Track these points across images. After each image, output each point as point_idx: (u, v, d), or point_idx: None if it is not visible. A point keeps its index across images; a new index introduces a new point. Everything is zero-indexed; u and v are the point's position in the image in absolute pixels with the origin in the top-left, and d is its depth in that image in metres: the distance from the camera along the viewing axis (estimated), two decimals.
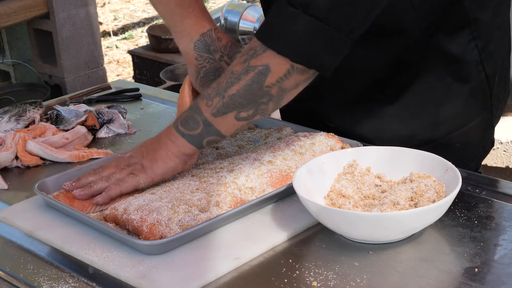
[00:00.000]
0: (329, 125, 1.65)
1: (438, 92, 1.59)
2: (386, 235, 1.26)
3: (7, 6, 3.70)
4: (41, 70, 4.03)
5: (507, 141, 3.46)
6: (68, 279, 1.22)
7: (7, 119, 1.82)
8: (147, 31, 4.72)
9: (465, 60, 1.57)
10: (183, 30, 1.54)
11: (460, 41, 1.55)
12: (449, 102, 1.60)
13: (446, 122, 1.62)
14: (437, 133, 1.62)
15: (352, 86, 1.45)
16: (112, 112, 1.85)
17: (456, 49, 1.55)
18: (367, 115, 1.63)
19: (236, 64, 1.34)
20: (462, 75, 1.58)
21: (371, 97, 1.61)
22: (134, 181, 1.40)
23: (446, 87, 1.58)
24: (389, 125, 1.62)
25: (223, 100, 1.33)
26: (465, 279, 1.16)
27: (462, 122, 1.63)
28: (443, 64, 1.57)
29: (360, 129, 1.63)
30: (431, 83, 1.58)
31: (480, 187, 1.45)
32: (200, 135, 1.39)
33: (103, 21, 6.55)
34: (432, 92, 1.59)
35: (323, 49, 1.29)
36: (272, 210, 1.38)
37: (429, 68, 1.57)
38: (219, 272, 1.21)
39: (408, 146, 1.44)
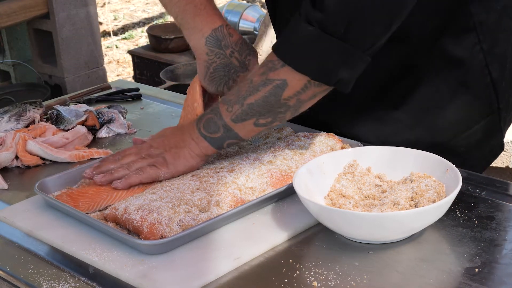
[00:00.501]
0: (335, 130, 1.64)
1: (443, 96, 1.58)
2: (386, 235, 1.26)
3: (7, 6, 3.70)
4: (41, 70, 4.03)
5: (507, 141, 3.46)
6: (69, 279, 1.22)
7: (7, 119, 1.82)
8: (147, 31, 4.73)
9: (470, 64, 1.56)
10: (195, 27, 1.57)
11: (465, 45, 1.54)
12: (454, 106, 1.59)
13: (451, 126, 1.61)
14: (442, 137, 1.62)
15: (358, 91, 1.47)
16: (112, 112, 1.85)
17: (461, 53, 1.55)
18: (372, 120, 1.63)
19: (255, 74, 1.38)
20: (467, 78, 1.57)
21: (376, 102, 1.61)
22: (155, 173, 1.44)
23: (451, 91, 1.58)
24: (395, 130, 1.61)
25: (242, 108, 1.39)
26: (465, 279, 1.17)
27: (467, 125, 1.62)
28: (448, 67, 1.56)
29: (365, 135, 1.62)
30: (436, 87, 1.57)
31: (480, 187, 1.45)
32: (221, 138, 1.44)
33: (103, 21, 6.55)
34: (437, 96, 1.58)
35: (341, 66, 1.31)
36: (272, 210, 1.38)
37: (434, 72, 1.56)
38: (219, 272, 1.21)
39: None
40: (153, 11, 6.94)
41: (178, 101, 2.03)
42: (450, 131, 1.62)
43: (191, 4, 1.56)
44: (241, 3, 4.83)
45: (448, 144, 1.62)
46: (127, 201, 1.36)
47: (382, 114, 1.62)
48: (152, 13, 6.87)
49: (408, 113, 1.60)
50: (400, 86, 1.58)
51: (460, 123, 1.61)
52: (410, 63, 1.55)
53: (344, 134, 1.61)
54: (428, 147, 1.54)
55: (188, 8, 1.56)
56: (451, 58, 1.55)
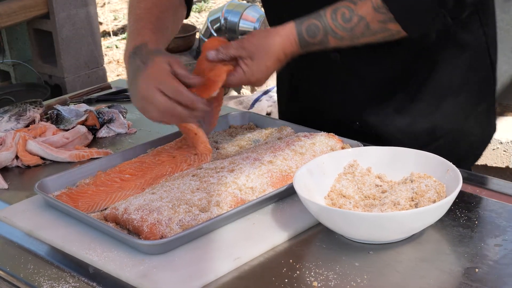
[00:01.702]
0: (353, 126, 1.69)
1: (454, 81, 1.65)
2: (387, 235, 1.26)
3: (7, 6, 3.70)
4: (41, 70, 4.03)
5: (507, 141, 3.46)
6: (69, 279, 1.22)
7: (7, 119, 1.82)
8: None
9: (475, 48, 1.64)
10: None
11: (471, 28, 1.63)
12: (464, 90, 1.66)
13: (464, 110, 1.68)
14: (457, 121, 1.68)
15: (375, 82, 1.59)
16: (112, 111, 1.85)
17: (467, 37, 1.63)
18: (391, 112, 1.67)
19: (373, 19, 1.49)
20: (473, 62, 1.65)
21: (393, 93, 1.66)
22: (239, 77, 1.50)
23: (461, 75, 1.64)
24: (413, 120, 1.66)
25: (352, 43, 1.52)
26: (465, 279, 1.16)
27: (475, 108, 1.70)
28: (456, 53, 1.63)
29: (385, 127, 1.67)
30: (447, 73, 1.64)
31: (481, 187, 1.45)
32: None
33: (103, 21, 6.55)
34: (449, 82, 1.65)
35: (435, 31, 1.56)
36: (273, 210, 1.38)
37: (444, 58, 1.63)
38: (219, 272, 1.21)
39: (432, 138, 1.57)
40: None
41: None
42: (462, 115, 1.68)
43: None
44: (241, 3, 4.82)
45: (462, 128, 1.69)
46: (127, 201, 1.36)
47: (401, 106, 1.66)
48: None
49: (425, 101, 1.65)
50: (415, 74, 1.64)
51: (471, 106, 1.68)
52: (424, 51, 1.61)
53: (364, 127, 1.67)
54: (445, 133, 1.65)
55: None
56: (459, 43, 1.62)
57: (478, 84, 1.69)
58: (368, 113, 1.68)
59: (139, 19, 1.59)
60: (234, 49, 1.50)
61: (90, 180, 1.51)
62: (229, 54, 1.50)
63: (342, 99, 1.69)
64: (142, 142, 1.67)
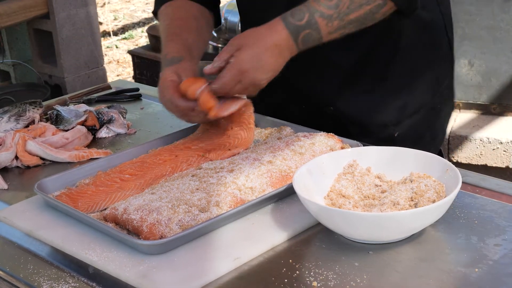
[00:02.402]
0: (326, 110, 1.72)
1: (419, 60, 1.71)
2: (386, 235, 1.26)
3: (7, 6, 3.70)
4: (41, 70, 4.03)
5: (507, 141, 3.46)
6: (68, 279, 1.22)
7: (7, 119, 1.82)
8: (147, 31, 4.72)
9: (434, 26, 1.71)
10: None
11: (429, 7, 1.68)
12: (428, 68, 1.73)
13: (430, 86, 1.75)
14: (426, 97, 1.74)
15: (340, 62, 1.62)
16: (112, 112, 1.85)
17: (427, 15, 1.68)
18: (362, 92, 1.71)
19: None
20: (433, 40, 1.73)
21: (362, 75, 1.70)
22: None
23: (424, 54, 1.71)
24: (383, 99, 1.71)
25: (342, 23, 1.52)
26: (465, 279, 1.16)
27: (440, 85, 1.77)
28: (418, 31, 1.68)
29: (356, 109, 1.71)
30: (411, 52, 1.70)
31: (480, 187, 1.45)
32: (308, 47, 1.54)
33: (103, 21, 6.55)
34: (413, 60, 1.70)
35: None
36: (272, 210, 1.38)
37: (407, 36, 1.68)
38: (219, 272, 1.21)
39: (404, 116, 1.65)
40: None
41: None
42: (430, 91, 1.75)
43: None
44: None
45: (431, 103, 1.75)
46: (126, 201, 1.36)
47: (367, 85, 1.71)
48: None
49: (392, 80, 1.70)
50: (380, 53, 1.68)
51: (437, 82, 1.76)
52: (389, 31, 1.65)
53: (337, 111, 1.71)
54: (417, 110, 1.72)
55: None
56: (420, 21, 1.67)
57: (439, 61, 1.76)
58: (339, 97, 1.72)
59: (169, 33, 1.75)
60: (224, 51, 1.51)
61: (89, 180, 1.51)
62: (222, 58, 1.51)
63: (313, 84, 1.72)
64: (142, 142, 1.67)
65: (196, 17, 1.78)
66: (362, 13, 1.52)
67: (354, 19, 1.52)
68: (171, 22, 1.76)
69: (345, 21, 1.52)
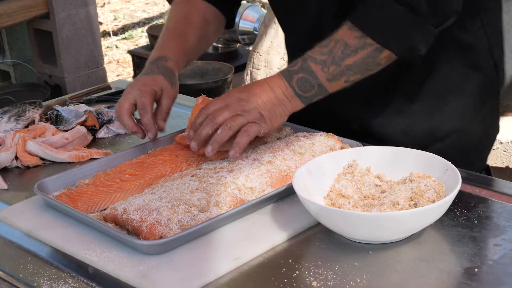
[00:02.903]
0: (353, 128, 1.67)
1: (454, 82, 1.64)
2: (386, 235, 1.26)
3: (7, 6, 3.70)
4: (41, 70, 4.03)
5: (507, 141, 3.46)
6: (68, 279, 1.22)
7: (6, 119, 1.82)
8: (147, 31, 4.72)
9: (476, 48, 1.63)
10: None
11: (471, 29, 1.61)
12: (466, 91, 1.65)
13: (467, 111, 1.67)
14: (460, 122, 1.67)
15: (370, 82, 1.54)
16: (112, 112, 1.85)
17: (467, 37, 1.61)
18: (389, 114, 1.66)
19: (349, 37, 1.46)
20: (474, 62, 1.64)
21: (392, 94, 1.65)
22: (258, 129, 1.47)
23: (461, 76, 1.64)
24: (413, 121, 1.65)
25: (340, 68, 1.47)
26: (465, 279, 1.16)
27: (479, 109, 1.69)
28: (456, 53, 1.62)
29: (385, 129, 1.65)
30: (447, 74, 1.63)
31: (480, 187, 1.45)
32: (312, 96, 1.52)
33: (103, 21, 6.55)
34: (448, 83, 1.64)
35: (421, 43, 1.47)
36: (272, 210, 1.38)
37: (443, 58, 1.61)
38: (219, 272, 1.21)
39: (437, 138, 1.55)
40: (153, 11, 6.94)
41: (178, 101, 2.02)
42: (466, 116, 1.67)
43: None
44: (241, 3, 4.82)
45: (465, 128, 1.67)
46: (126, 201, 1.36)
47: (398, 106, 1.65)
48: (152, 13, 6.87)
49: (424, 102, 1.64)
50: (412, 75, 1.62)
51: (474, 107, 1.67)
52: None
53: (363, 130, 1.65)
54: (448, 134, 1.64)
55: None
56: (459, 43, 1.61)
57: (481, 85, 1.67)
58: (367, 116, 1.67)
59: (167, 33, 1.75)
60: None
61: (89, 180, 1.51)
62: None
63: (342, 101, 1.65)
64: (142, 142, 1.67)
65: (206, 20, 1.79)
66: (359, 58, 1.46)
67: (352, 65, 1.47)
68: (177, 19, 1.76)
69: (343, 67, 1.47)
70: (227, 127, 1.45)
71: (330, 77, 1.48)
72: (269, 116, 1.49)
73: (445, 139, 1.66)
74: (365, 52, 1.46)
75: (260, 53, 3.97)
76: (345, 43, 1.46)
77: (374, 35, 1.44)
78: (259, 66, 3.96)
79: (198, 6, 1.79)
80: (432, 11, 1.43)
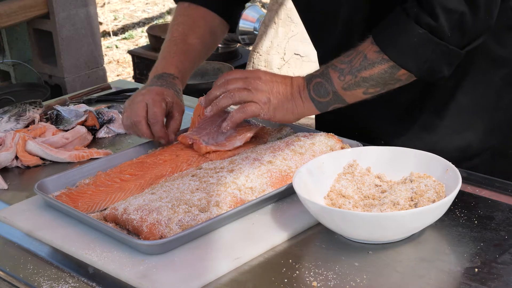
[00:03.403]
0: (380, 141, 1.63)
1: (489, 98, 1.58)
2: (386, 235, 1.26)
3: (7, 6, 3.70)
4: (41, 70, 4.03)
5: None
6: (68, 279, 1.22)
7: (7, 119, 1.82)
8: (147, 31, 4.72)
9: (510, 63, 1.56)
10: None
11: (507, 43, 1.55)
12: (501, 107, 1.59)
13: (500, 128, 1.61)
14: (493, 140, 1.61)
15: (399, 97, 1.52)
16: (112, 112, 1.85)
17: (503, 52, 1.56)
18: (417, 129, 1.62)
19: (369, 50, 1.46)
20: (510, 79, 1.58)
21: (420, 109, 1.60)
22: (257, 111, 1.51)
23: (497, 92, 1.58)
24: (444, 137, 1.60)
25: (356, 79, 1.47)
26: (465, 279, 1.16)
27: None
28: (491, 68, 1.56)
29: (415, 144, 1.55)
30: (481, 89, 1.57)
31: (480, 187, 1.45)
32: (328, 103, 1.52)
33: (103, 21, 6.55)
34: (483, 99, 1.58)
35: (444, 65, 1.44)
36: (272, 210, 1.38)
37: (477, 74, 1.56)
38: (219, 272, 1.21)
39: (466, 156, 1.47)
40: (153, 11, 6.94)
41: None
42: (500, 133, 1.61)
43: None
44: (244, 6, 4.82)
45: (499, 147, 1.62)
46: (126, 201, 1.36)
47: (430, 122, 1.61)
48: (152, 13, 6.87)
49: (454, 118, 1.59)
50: (441, 90, 1.57)
51: (507, 124, 1.61)
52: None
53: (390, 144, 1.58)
54: (480, 152, 1.57)
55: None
56: (494, 58, 1.56)
57: None
58: (393, 131, 1.63)
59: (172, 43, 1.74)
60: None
61: (89, 180, 1.51)
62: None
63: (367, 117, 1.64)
64: (142, 142, 1.67)
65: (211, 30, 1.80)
66: (375, 72, 1.45)
67: (368, 77, 1.45)
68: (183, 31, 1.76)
69: (359, 78, 1.46)
70: (229, 95, 1.52)
71: (346, 86, 1.48)
72: (275, 105, 1.51)
73: (474, 158, 1.60)
74: (382, 67, 1.44)
75: (260, 53, 3.97)
76: (365, 55, 1.46)
77: (391, 54, 1.43)
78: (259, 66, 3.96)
79: (203, 15, 1.79)
80: (455, 34, 1.40)
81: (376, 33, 1.45)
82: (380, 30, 1.45)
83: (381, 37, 1.44)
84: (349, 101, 1.50)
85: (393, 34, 1.44)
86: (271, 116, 1.52)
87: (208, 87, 1.59)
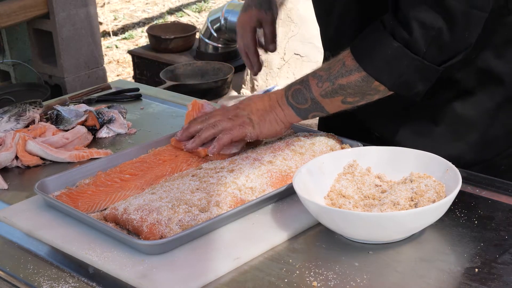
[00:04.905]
0: (374, 134, 1.64)
1: (487, 113, 1.56)
2: (386, 235, 1.26)
3: (7, 6, 3.70)
4: (41, 70, 4.03)
5: None
6: (68, 279, 1.22)
7: (7, 119, 1.82)
8: (147, 31, 4.73)
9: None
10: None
11: (508, 59, 1.53)
12: (498, 123, 1.58)
13: (495, 143, 1.59)
14: (486, 154, 1.60)
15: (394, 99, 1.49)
16: (112, 112, 1.85)
17: (504, 68, 1.53)
18: (411, 132, 1.61)
19: (348, 56, 1.44)
20: (508, 94, 1.55)
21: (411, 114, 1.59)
22: (243, 131, 1.51)
23: (496, 108, 1.56)
24: (436, 144, 1.58)
25: (333, 86, 1.45)
26: (465, 279, 1.17)
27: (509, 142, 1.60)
28: (492, 84, 1.54)
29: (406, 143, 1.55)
30: (480, 103, 1.55)
31: (480, 187, 1.45)
32: (307, 110, 1.50)
33: (103, 21, 6.55)
34: (481, 113, 1.56)
35: (419, 81, 1.41)
36: (272, 210, 1.38)
37: (477, 88, 1.54)
38: (219, 272, 1.21)
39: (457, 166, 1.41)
40: (153, 11, 6.94)
41: (178, 101, 2.04)
42: (494, 148, 1.60)
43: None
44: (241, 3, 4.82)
45: (491, 161, 1.60)
46: (126, 201, 1.36)
47: (421, 127, 1.60)
48: (152, 13, 6.87)
49: (450, 126, 1.58)
50: (439, 99, 1.56)
51: (504, 139, 1.59)
52: (449, 77, 1.51)
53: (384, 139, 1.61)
54: (471, 164, 1.55)
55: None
56: (495, 73, 1.53)
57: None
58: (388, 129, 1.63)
59: None
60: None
61: (89, 180, 1.51)
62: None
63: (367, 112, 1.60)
64: (142, 142, 1.67)
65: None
66: (352, 80, 1.42)
67: (345, 85, 1.43)
68: None
69: (336, 85, 1.44)
70: (210, 126, 1.53)
71: (324, 93, 1.46)
72: (258, 121, 1.52)
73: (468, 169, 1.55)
74: (359, 76, 1.42)
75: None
76: (343, 63, 1.44)
77: (366, 65, 1.41)
78: None
79: None
80: (431, 50, 1.37)
81: (353, 44, 1.44)
82: (358, 40, 1.44)
83: (358, 48, 1.44)
84: (328, 109, 1.49)
85: (369, 45, 1.42)
86: (258, 132, 1.52)
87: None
